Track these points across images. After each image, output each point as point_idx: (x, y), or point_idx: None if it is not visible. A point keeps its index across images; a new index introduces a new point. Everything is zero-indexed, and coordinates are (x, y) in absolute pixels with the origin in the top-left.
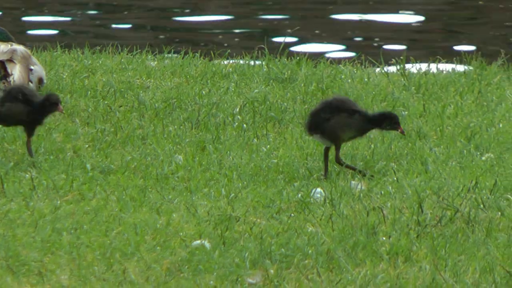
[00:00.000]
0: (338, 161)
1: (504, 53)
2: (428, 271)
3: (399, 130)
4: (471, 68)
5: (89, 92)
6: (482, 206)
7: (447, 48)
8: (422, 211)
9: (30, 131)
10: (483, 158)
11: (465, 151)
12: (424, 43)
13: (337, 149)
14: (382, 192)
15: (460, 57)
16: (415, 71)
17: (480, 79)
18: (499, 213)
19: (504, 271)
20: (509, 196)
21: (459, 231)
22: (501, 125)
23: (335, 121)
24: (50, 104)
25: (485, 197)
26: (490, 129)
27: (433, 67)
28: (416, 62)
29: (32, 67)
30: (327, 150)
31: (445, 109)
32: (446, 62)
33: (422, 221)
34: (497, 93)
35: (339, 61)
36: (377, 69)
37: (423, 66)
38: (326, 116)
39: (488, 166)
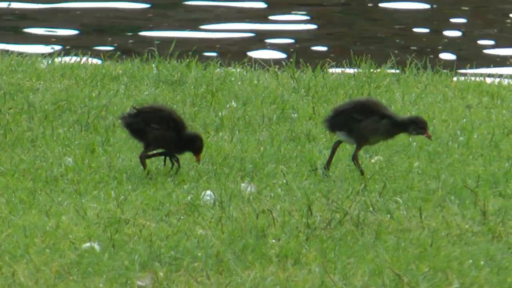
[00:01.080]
0: (356, 158)
1: (394, 56)
2: (318, 274)
3: (426, 135)
4: (360, 70)
5: None
6: (371, 208)
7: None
8: (311, 214)
9: None
10: (373, 161)
11: None
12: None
13: (359, 148)
14: (272, 195)
15: (350, 60)
16: (305, 74)
17: (369, 82)
18: (388, 215)
19: (393, 274)
20: (398, 199)
21: (348, 234)
22: None
23: (366, 124)
24: None
25: (374, 199)
26: None
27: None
28: (306, 66)
29: None
30: (338, 143)
31: None
32: (336, 66)
33: (311, 224)
34: (386, 96)
35: (229, 63)
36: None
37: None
38: (359, 117)
39: (377, 168)
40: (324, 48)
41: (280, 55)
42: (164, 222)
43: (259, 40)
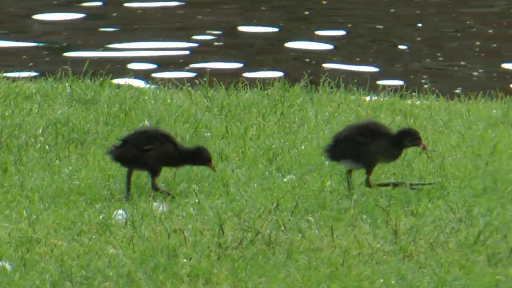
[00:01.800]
0: (369, 184)
1: (307, 75)
2: None
3: (422, 146)
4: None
5: None
6: (283, 228)
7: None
8: (223, 233)
9: None
10: (285, 179)
11: (267, 172)
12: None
13: (370, 173)
14: (184, 214)
15: (263, 79)
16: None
17: (282, 101)
18: (300, 234)
19: None
20: (310, 218)
21: (260, 253)
22: (303, 147)
23: (374, 147)
24: None
25: (286, 218)
26: (292, 150)
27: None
28: (220, 84)
29: None
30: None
31: (248, 131)
32: (250, 85)
33: (223, 243)
34: (299, 115)
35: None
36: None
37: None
38: (364, 141)
39: (289, 187)
40: (238, 65)
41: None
42: (75, 241)
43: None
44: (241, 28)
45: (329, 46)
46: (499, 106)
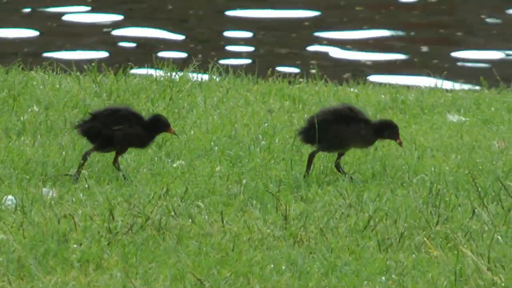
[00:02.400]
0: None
1: (195, 61)
2: (119, 279)
3: (398, 141)
4: (162, 74)
5: None
6: (173, 213)
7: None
8: (113, 219)
9: None
10: (174, 165)
11: (156, 158)
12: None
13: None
14: (74, 199)
15: (152, 63)
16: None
17: (171, 86)
18: (190, 220)
19: (194, 279)
20: (200, 203)
21: (150, 239)
22: (192, 132)
23: (349, 132)
24: None
25: (176, 204)
26: (182, 136)
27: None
28: (108, 70)
29: None
30: (314, 154)
31: None
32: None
33: (113, 229)
34: (188, 100)
35: (31, 67)
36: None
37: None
38: (339, 126)
39: (179, 173)
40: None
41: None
42: None
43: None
44: None
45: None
46: (388, 91)
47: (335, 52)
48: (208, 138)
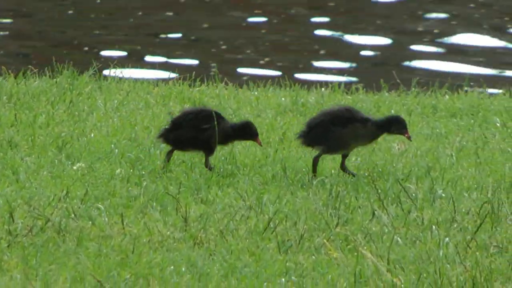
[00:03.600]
0: (344, 168)
1: (96, 64)
2: (19, 281)
3: (406, 135)
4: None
5: None
6: (73, 215)
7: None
8: (13, 221)
9: None
10: (75, 167)
11: (56, 160)
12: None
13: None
14: None
15: (52, 67)
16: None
17: (71, 89)
18: (90, 222)
19: (94, 281)
20: (100, 206)
21: (50, 241)
22: (92, 135)
23: (348, 132)
24: None
25: (76, 206)
26: (82, 138)
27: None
28: (8, 73)
29: None
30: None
31: (37, 119)
32: (39, 73)
33: (13, 231)
34: (88, 103)
35: None
36: None
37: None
38: (336, 128)
39: (79, 175)
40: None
41: None
42: None
43: None
44: None
45: None
46: (288, 94)
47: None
48: (108, 141)
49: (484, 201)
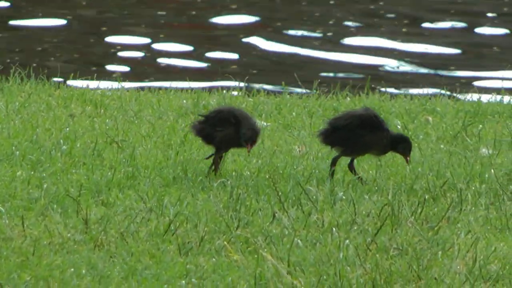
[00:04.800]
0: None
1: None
2: None
3: (408, 158)
4: None
5: None
6: None
7: None
8: None
9: None
10: None
11: None
12: None
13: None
14: None
15: None
16: None
17: None
18: None
19: None
20: (0, 208)
21: None
22: None
23: (371, 139)
24: None
25: None
26: None
27: None
28: None
29: None
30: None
31: None
32: None
33: None
34: None
35: None
36: None
37: None
38: (362, 132)
39: None
40: None
41: None
42: None
43: None
44: None
45: None
46: (190, 96)
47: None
48: (9, 143)
49: (385, 204)
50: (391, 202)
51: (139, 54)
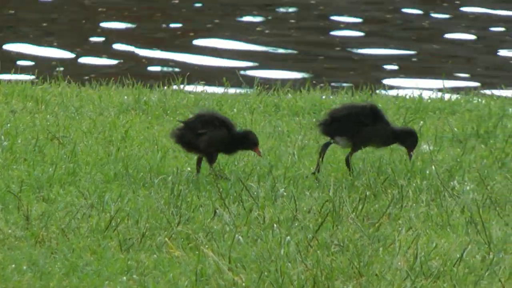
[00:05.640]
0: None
1: None
2: None
3: (412, 152)
4: None
5: None
6: None
7: None
8: None
9: None
10: None
11: None
12: None
13: (354, 152)
14: None
15: None
16: None
17: None
18: None
19: None
20: None
21: None
22: None
23: (373, 130)
24: None
25: None
26: None
27: None
28: None
29: None
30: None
31: None
32: None
33: None
34: None
35: None
36: None
37: None
38: (366, 122)
39: None
40: None
41: None
42: None
43: None
44: None
45: None
46: (131, 93)
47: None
48: None
49: (326, 200)
50: (332, 198)
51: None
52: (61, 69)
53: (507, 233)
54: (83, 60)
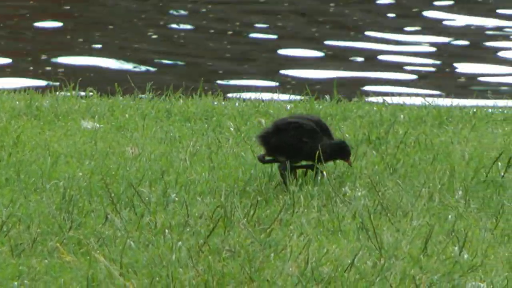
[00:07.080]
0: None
1: None
2: None
3: (348, 162)
4: None
5: None
6: None
7: None
8: None
9: None
10: None
11: None
12: None
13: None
14: None
15: None
16: None
17: None
18: None
19: None
20: None
21: None
22: None
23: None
24: None
25: None
26: None
27: None
28: None
29: None
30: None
31: None
32: None
33: None
34: None
35: None
36: None
37: None
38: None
39: None
40: None
41: None
42: None
43: None
44: None
45: None
46: (23, 98)
47: None
48: None
49: (217, 205)
50: (223, 204)
51: None
52: None
53: (398, 239)
54: None
